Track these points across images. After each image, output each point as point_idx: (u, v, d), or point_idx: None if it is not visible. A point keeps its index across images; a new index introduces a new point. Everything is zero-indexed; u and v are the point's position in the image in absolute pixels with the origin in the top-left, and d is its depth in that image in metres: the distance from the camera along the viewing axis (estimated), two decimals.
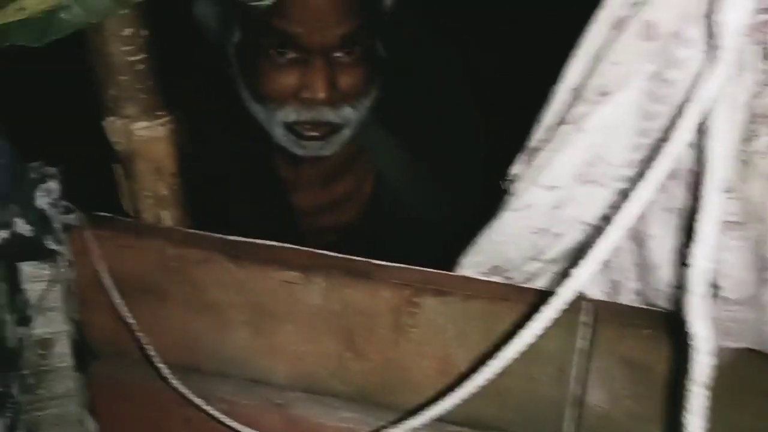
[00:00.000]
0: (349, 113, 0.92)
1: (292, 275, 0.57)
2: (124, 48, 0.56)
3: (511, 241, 0.50)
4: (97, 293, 0.61)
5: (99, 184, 0.75)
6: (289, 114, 0.90)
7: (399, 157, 1.04)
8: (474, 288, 0.54)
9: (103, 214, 0.62)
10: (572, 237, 0.48)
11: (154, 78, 0.59)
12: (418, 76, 1.03)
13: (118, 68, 0.56)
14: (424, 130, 1.05)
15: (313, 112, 0.89)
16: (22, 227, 0.51)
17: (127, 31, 0.55)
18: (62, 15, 0.46)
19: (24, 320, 0.51)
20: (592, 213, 0.45)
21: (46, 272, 0.51)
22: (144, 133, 0.59)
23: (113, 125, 0.59)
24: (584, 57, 0.41)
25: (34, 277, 0.51)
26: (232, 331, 0.60)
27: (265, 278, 0.58)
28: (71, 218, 0.59)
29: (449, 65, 1.08)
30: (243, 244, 0.59)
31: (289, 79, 0.88)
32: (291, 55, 0.88)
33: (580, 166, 0.43)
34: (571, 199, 0.44)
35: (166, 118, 0.61)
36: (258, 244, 0.58)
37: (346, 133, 0.93)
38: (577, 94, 0.41)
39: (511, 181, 0.49)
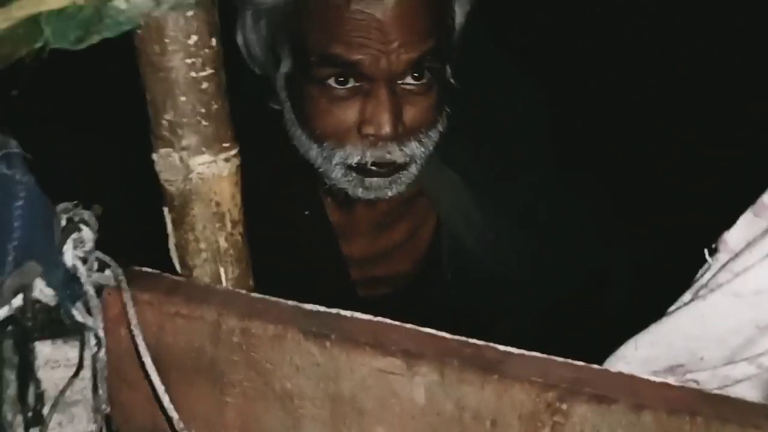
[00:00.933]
0: (415, 149, 0.80)
1: (391, 363, 0.43)
2: (189, 61, 0.43)
3: (715, 335, 0.36)
4: (133, 371, 0.48)
5: (142, 233, 0.63)
6: (352, 154, 0.79)
7: (463, 201, 0.92)
8: (648, 394, 0.39)
9: (146, 270, 0.49)
10: None
11: (221, 100, 0.46)
12: (489, 108, 0.91)
13: (179, 86, 0.44)
14: (495, 170, 0.92)
15: (377, 150, 0.78)
16: (43, 292, 0.38)
17: (193, 39, 0.43)
18: (116, 3, 0.34)
19: (37, 420, 0.37)
20: None
21: (70, 355, 0.38)
22: (205, 170, 0.47)
23: (166, 159, 0.46)
24: None
25: (53, 361, 0.38)
26: (306, 430, 0.46)
27: (353, 365, 0.44)
28: (105, 276, 0.46)
29: (527, 96, 0.96)
30: (328, 317, 0.45)
31: (349, 113, 0.78)
32: (351, 84, 0.77)
33: None
34: None
35: (233, 152, 0.48)
36: (348, 318, 0.45)
37: (413, 170, 0.81)
38: None
39: (719, 250, 0.35)
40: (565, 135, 1.04)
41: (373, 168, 0.79)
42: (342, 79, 0.77)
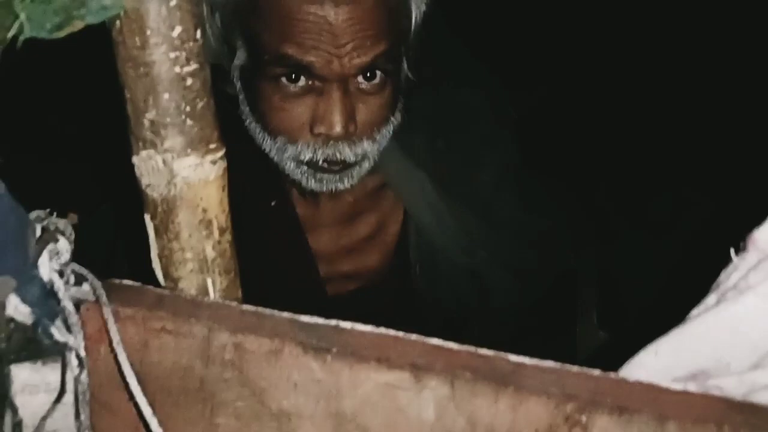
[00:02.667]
0: (366, 147, 0.80)
1: (398, 377, 0.40)
2: (172, 55, 0.40)
3: (747, 340, 0.34)
4: (114, 394, 0.44)
5: (122, 243, 0.60)
6: (303, 151, 0.80)
7: (428, 194, 0.91)
8: (671, 403, 0.37)
9: (126, 282, 0.45)
10: None
11: (207, 97, 0.43)
12: (449, 102, 0.91)
13: (161, 83, 0.41)
14: (457, 164, 0.92)
15: (328, 149, 0.79)
16: (18, 309, 0.34)
17: (177, 31, 0.40)
18: None
19: None
20: None
21: (50, 378, 0.35)
22: (190, 174, 0.43)
23: (148, 162, 0.43)
24: None
25: (31, 386, 0.34)
26: None
27: (357, 380, 0.41)
28: (83, 291, 0.42)
29: (488, 93, 0.96)
30: (327, 329, 0.42)
31: (300, 111, 0.78)
32: (303, 83, 0.77)
33: None
34: None
35: (220, 153, 0.45)
36: (348, 330, 0.42)
37: (365, 166, 0.83)
38: None
39: (747, 249, 0.33)
40: (532, 134, 1.04)
41: (324, 165, 0.80)
42: (294, 77, 0.76)
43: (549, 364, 0.40)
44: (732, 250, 0.34)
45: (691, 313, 0.37)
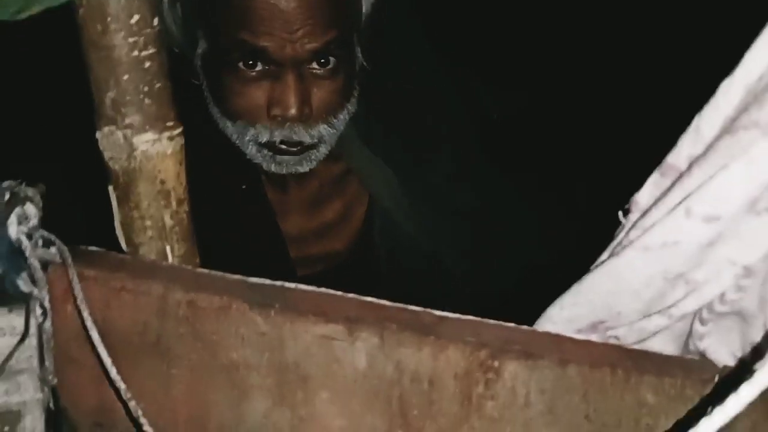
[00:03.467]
0: (323, 131, 0.84)
1: (333, 329, 0.45)
2: (131, 40, 0.44)
3: (629, 290, 0.39)
4: (79, 349, 0.49)
5: (86, 211, 0.63)
6: (261, 133, 0.83)
7: (388, 180, 0.96)
8: (572, 350, 0.42)
9: (91, 248, 0.49)
10: (719, 285, 0.36)
11: (164, 79, 0.47)
12: (403, 87, 0.96)
13: (121, 65, 0.45)
14: (414, 147, 0.97)
15: (285, 131, 0.82)
16: None
17: (135, 18, 0.44)
18: None
19: None
20: (758, 253, 0.34)
21: (16, 323, 0.39)
22: (148, 148, 0.48)
23: (110, 137, 0.47)
24: None
25: None
26: (253, 400, 0.47)
27: (297, 333, 0.45)
28: (50, 253, 0.46)
29: (447, 82, 1.01)
30: (272, 289, 0.46)
31: (258, 94, 0.82)
32: (259, 68, 0.81)
33: (756, 189, 0.32)
34: (734, 235, 0.33)
35: (177, 131, 0.49)
36: (291, 289, 0.46)
37: (323, 150, 0.86)
38: (759, 93, 0.30)
39: (632, 210, 0.38)
40: (492, 126, 1.08)
41: (282, 146, 0.84)
42: (251, 62, 0.81)
43: (468, 317, 0.45)
44: (620, 213, 0.39)
45: (589, 270, 0.41)
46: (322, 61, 0.80)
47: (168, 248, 0.51)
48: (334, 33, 0.79)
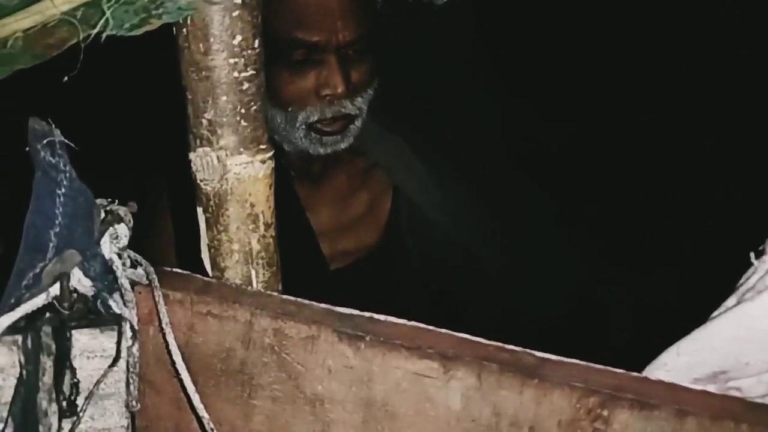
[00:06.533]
0: (360, 102, 0.96)
1: (427, 366, 0.42)
2: (232, 61, 0.44)
3: (761, 339, 0.35)
4: (159, 373, 0.47)
5: (174, 232, 0.63)
6: (312, 113, 0.93)
7: (416, 168, 1.05)
8: (690, 401, 0.39)
9: (176, 270, 0.48)
10: None
11: (261, 101, 0.46)
12: (422, 75, 1.04)
13: (221, 86, 0.44)
14: (435, 130, 1.05)
15: (334, 107, 0.93)
16: (81, 281, 0.38)
17: (238, 39, 0.44)
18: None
19: (71, 409, 0.36)
20: None
21: (107, 345, 0.38)
22: (241, 171, 0.47)
23: (204, 159, 0.47)
24: None
25: (89, 351, 0.37)
26: None
27: (387, 367, 0.43)
28: (138, 273, 0.45)
29: (492, 99, 1.06)
30: (361, 319, 0.44)
31: (307, 81, 0.93)
32: (307, 57, 0.92)
33: None
34: None
35: (269, 154, 0.48)
36: (381, 321, 0.44)
37: (358, 123, 0.96)
38: None
39: (766, 253, 0.34)
40: (562, 166, 1.11)
41: (327, 127, 0.95)
42: (300, 55, 0.92)
43: (572, 360, 0.42)
44: (752, 255, 0.36)
45: (712, 315, 0.38)
46: (356, 46, 0.93)
47: (253, 273, 0.49)
48: (367, 25, 0.94)
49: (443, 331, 0.44)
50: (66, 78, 0.35)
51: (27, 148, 0.37)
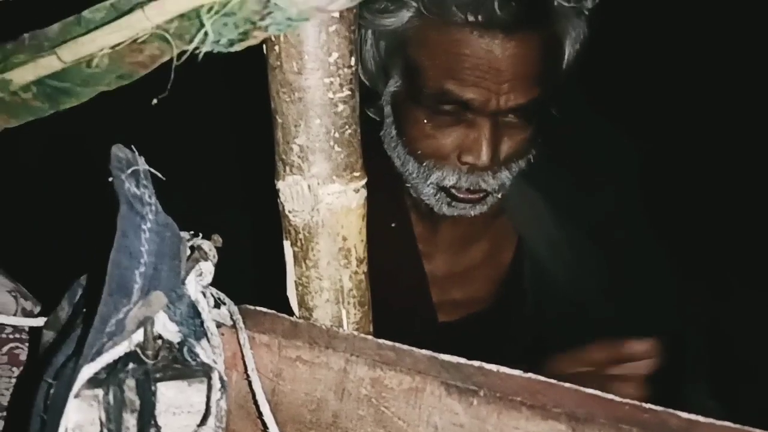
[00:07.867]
0: (505, 178, 0.84)
1: (553, 429, 0.37)
2: (327, 80, 0.40)
3: None
4: (242, 422, 0.43)
5: (257, 268, 0.59)
6: (448, 177, 0.82)
7: (544, 221, 0.92)
8: None
9: (261, 309, 0.44)
10: None
11: (355, 125, 0.42)
12: (573, 133, 0.92)
13: (314, 108, 0.40)
14: (578, 192, 0.92)
15: (472, 177, 0.82)
16: (166, 326, 0.34)
17: (334, 57, 0.39)
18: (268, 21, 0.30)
19: None
20: None
21: (194, 400, 0.33)
22: (333, 201, 0.42)
23: (293, 188, 0.42)
24: None
25: (176, 406, 0.33)
26: None
27: (505, 428, 0.38)
28: (222, 314, 0.41)
29: (617, 138, 0.97)
30: (470, 369, 0.39)
31: (450, 139, 0.81)
32: (456, 113, 0.80)
33: None
34: None
35: (362, 182, 0.44)
36: (494, 372, 0.39)
37: (498, 195, 0.86)
38: None
39: None
40: (658, 188, 1.03)
41: (463, 194, 0.83)
42: (449, 108, 0.80)
43: (724, 423, 0.36)
44: None
45: None
46: (519, 113, 0.79)
47: (344, 313, 0.45)
48: (539, 91, 0.78)
49: (568, 385, 0.38)
50: (155, 100, 0.31)
51: (110, 179, 0.33)
